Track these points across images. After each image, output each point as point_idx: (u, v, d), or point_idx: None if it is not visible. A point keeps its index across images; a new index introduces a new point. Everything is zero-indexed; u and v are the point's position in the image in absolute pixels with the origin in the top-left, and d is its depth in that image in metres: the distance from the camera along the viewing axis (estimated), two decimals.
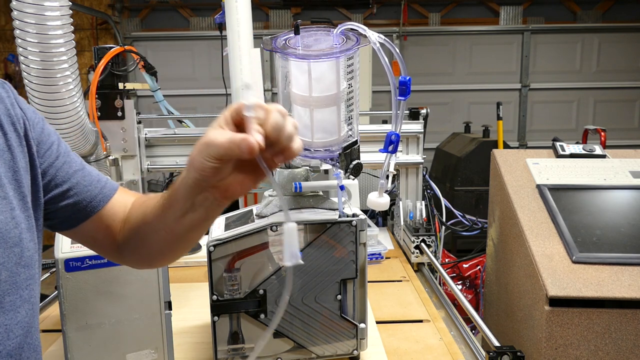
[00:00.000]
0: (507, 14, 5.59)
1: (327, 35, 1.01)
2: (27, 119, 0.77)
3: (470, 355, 1.27)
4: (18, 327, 0.70)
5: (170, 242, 0.81)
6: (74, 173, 0.82)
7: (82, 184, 0.83)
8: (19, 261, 0.70)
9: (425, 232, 1.90)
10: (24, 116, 0.76)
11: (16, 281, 0.69)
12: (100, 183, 0.85)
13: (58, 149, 0.81)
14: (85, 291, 1.01)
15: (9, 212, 0.69)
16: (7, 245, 0.68)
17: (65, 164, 0.81)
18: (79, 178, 0.83)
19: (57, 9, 1.29)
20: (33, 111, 0.80)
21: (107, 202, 0.85)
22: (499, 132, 3.85)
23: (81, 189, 0.82)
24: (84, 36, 5.51)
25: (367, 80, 3.45)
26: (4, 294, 0.68)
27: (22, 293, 0.70)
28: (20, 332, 0.70)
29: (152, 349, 1.07)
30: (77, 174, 0.83)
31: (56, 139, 0.82)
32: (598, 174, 1.67)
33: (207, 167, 0.66)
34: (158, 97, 2.13)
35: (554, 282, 1.30)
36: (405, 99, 1.00)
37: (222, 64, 2.32)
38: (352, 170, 1.05)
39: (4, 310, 0.68)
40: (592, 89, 5.60)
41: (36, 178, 0.76)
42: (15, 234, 0.69)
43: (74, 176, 0.82)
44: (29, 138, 0.76)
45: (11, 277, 0.69)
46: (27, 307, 0.71)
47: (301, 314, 1.10)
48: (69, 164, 0.82)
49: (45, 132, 0.80)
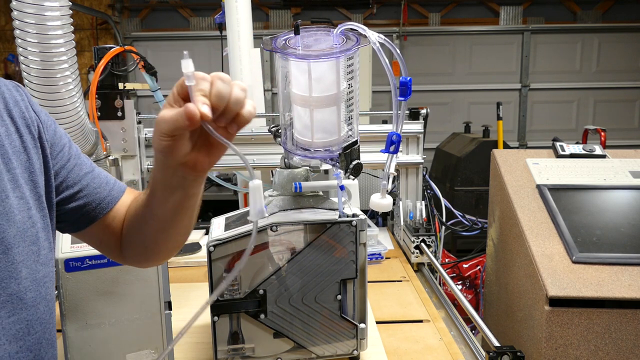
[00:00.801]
0: (507, 14, 5.59)
1: (327, 35, 1.01)
2: (41, 121, 0.79)
3: (470, 355, 1.27)
4: (37, 323, 0.72)
5: (161, 231, 0.82)
6: (85, 175, 0.84)
7: (91, 185, 0.84)
8: (37, 259, 0.72)
9: (425, 232, 1.90)
10: (37, 119, 0.78)
11: (36, 278, 0.72)
12: (108, 185, 0.86)
13: (69, 151, 0.83)
14: (85, 291, 1.01)
15: (26, 212, 0.72)
16: (25, 243, 0.71)
17: (77, 166, 0.83)
18: (89, 180, 0.84)
19: (57, 9, 1.29)
20: (45, 114, 0.81)
21: (115, 205, 0.86)
22: (499, 132, 3.85)
23: (90, 190, 0.84)
24: (84, 36, 5.52)
25: (367, 80, 3.45)
26: (25, 291, 0.70)
27: (40, 290, 0.73)
28: (40, 328, 0.73)
29: (152, 349, 1.07)
30: (87, 176, 0.84)
31: (67, 141, 0.84)
32: (598, 174, 1.67)
33: (164, 145, 0.67)
34: (158, 97, 2.13)
35: (554, 282, 1.30)
36: (406, 99, 0.99)
37: (222, 64, 2.32)
38: (352, 170, 1.05)
39: (26, 306, 0.70)
40: (592, 89, 5.60)
41: (49, 179, 0.78)
42: (33, 233, 0.72)
43: (84, 178, 0.83)
44: (43, 140, 0.78)
45: (31, 274, 0.71)
46: (44, 304, 0.74)
47: (301, 314, 1.10)
48: (79, 166, 0.84)
49: (58, 135, 0.82)
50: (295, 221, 1.07)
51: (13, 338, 0.69)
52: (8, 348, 0.68)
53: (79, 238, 0.90)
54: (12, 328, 0.69)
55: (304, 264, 1.08)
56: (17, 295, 0.69)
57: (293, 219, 1.08)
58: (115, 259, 0.93)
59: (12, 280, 0.69)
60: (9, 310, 0.69)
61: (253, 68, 2.29)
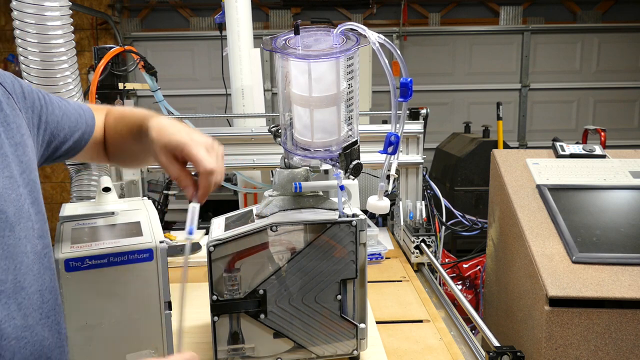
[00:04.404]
0: (507, 14, 5.59)
1: (327, 36, 1.01)
2: (8, 92, 0.81)
3: (470, 355, 1.27)
4: (47, 292, 0.79)
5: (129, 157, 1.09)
6: (61, 120, 0.92)
7: (67, 125, 0.94)
8: (34, 233, 0.77)
9: (425, 232, 1.90)
10: (7, 94, 0.81)
11: (37, 251, 0.78)
12: (82, 119, 0.98)
13: (41, 103, 0.88)
14: (85, 291, 1.01)
15: (16, 189, 0.75)
16: (23, 220, 0.75)
17: (51, 115, 0.90)
18: (65, 123, 0.94)
19: (57, 9, 1.29)
20: (10, 81, 0.84)
21: (93, 133, 1.00)
22: (499, 132, 3.85)
23: (70, 130, 0.95)
24: (84, 36, 5.51)
25: (367, 80, 3.45)
26: (32, 264, 0.76)
27: (43, 261, 0.79)
28: (50, 297, 0.80)
29: (152, 349, 1.07)
30: (63, 120, 0.93)
31: (36, 97, 0.87)
32: (598, 174, 1.67)
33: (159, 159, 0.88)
34: (158, 97, 2.13)
35: (554, 282, 1.30)
36: (406, 100, 0.99)
37: (222, 64, 2.32)
38: (352, 170, 1.05)
39: (35, 277, 0.76)
40: (592, 89, 5.60)
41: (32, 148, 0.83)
42: (25, 209, 0.76)
43: (60, 123, 0.92)
44: (19, 110, 0.82)
45: (33, 248, 0.77)
46: (49, 274, 0.80)
47: (301, 314, 1.10)
48: (53, 114, 0.91)
49: (29, 98, 0.85)
50: (295, 221, 1.07)
51: (36, 307, 0.76)
52: (35, 316, 0.75)
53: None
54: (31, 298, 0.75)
55: (303, 264, 1.08)
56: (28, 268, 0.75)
57: (293, 219, 1.08)
58: (104, 162, 1.17)
59: (23, 255, 0.74)
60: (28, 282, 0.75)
61: (253, 68, 2.29)
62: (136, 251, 1.02)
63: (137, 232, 1.06)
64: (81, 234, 1.05)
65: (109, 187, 1.18)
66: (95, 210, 1.13)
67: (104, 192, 1.17)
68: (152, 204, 1.19)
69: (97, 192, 1.17)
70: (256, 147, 2.06)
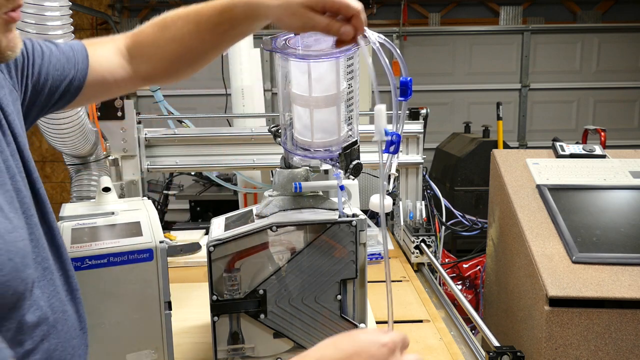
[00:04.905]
0: (507, 14, 5.58)
1: (327, 35, 1.01)
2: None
3: (470, 355, 1.27)
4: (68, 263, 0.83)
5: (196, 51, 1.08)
6: (52, 64, 0.89)
7: (58, 67, 0.90)
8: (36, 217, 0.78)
9: (425, 232, 1.90)
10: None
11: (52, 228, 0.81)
12: (73, 58, 0.92)
13: (35, 56, 0.86)
14: (85, 291, 1.01)
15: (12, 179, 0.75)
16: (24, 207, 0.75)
17: (42, 65, 0.87)
18: (54, 67, 0.89)
19: (57, 9, 1.29)
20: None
21: (88, 70, 0.94)
22: (499, 132, 3.85)
23: (64, 71, 0.90)
24: (84, 36, 5.44)
25: (367, 80, 3.44)
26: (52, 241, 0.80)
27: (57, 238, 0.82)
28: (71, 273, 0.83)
29: (152, 349, 1.07)
30: (48, 68, 0.89)
31: (25, 52, 0.85)
32: (598, 174, 1.67)
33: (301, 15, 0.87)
34: (158, 97, 2.13)
35: (554, 282, 1.30)
36: (406, 99, 0.99)
37: (222, 64, 2.32)
38: (352, 170, 1.05)
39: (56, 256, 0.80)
40: (592, 89, 5.59)
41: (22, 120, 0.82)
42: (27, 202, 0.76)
43: (49, 67, 0.89)
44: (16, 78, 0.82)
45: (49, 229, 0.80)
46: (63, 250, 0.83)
47: (301, 314, 1.10)
48: (46, 64, 0.88)
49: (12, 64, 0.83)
50: (295, 221, 1.07)
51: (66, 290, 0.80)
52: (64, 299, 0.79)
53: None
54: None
55: (303, 264, 1.08)
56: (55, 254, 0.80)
57: (293, 219, 1.08)
58: (124, 91, 1.08)
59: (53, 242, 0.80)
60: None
61: (253, 68, 2.29)
62: (136, 251, 1.02)
63: (137, 232, 1.06)
64: (81, 234, 1.05)
65: (109, 187, 1.18)
66: (95, 210, 1.13)
67: (104, 192, 1.17)
68: (152, 204, 1.20)
69: (97, 192, 1.18)
70: (256, 147, 2.06)
